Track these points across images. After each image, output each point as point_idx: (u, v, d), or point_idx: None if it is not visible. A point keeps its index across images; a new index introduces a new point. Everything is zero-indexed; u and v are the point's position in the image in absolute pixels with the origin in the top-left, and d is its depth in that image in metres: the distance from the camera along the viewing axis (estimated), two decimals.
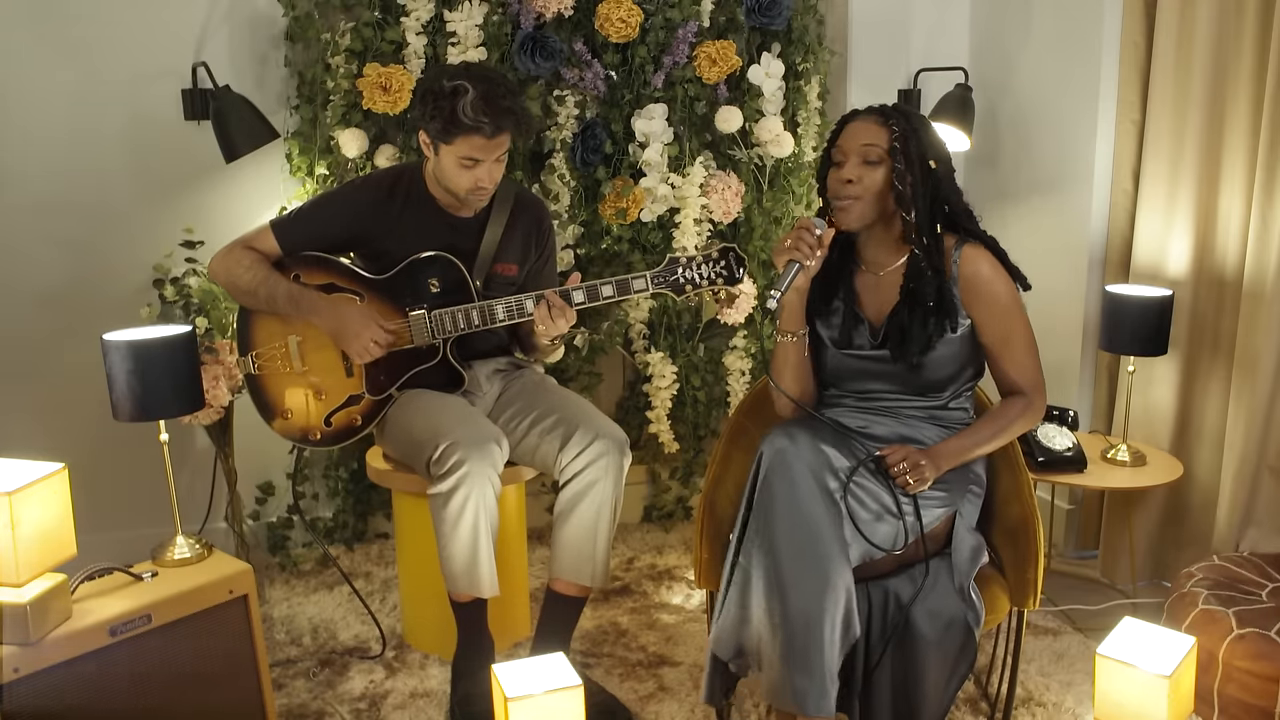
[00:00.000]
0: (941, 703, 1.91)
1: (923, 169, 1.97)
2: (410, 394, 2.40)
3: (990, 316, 1.99)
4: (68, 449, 2.23)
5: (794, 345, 2.07)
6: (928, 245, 1.98)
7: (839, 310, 2.07)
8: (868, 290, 2.07)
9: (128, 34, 2.81)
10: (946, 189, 2.00)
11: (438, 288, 2.37)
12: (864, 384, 2.07)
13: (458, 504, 2.19)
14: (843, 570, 1.81)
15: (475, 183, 2.28)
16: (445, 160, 2.27)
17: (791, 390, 2.09)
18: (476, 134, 2.21)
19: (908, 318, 1.98)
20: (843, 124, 2.04)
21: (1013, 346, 2.01)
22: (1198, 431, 2.73)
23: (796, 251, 1.96)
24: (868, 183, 1.97)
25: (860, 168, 1.97)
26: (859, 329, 2.06)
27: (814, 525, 1.82)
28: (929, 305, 1.97)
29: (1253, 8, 2.47)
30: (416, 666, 2.51)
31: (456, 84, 2.20)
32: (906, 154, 1.95)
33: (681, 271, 2.31)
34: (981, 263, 1.99)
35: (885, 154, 1.96)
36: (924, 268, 1.97)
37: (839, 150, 2.01)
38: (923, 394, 2.04)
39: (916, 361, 1.98)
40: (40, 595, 1.75)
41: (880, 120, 1.98)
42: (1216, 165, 2.60)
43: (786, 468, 1.86)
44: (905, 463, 1.92)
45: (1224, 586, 2.23)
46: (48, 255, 2.86)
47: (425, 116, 2.24)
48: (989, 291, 1.98)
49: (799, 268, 1.96)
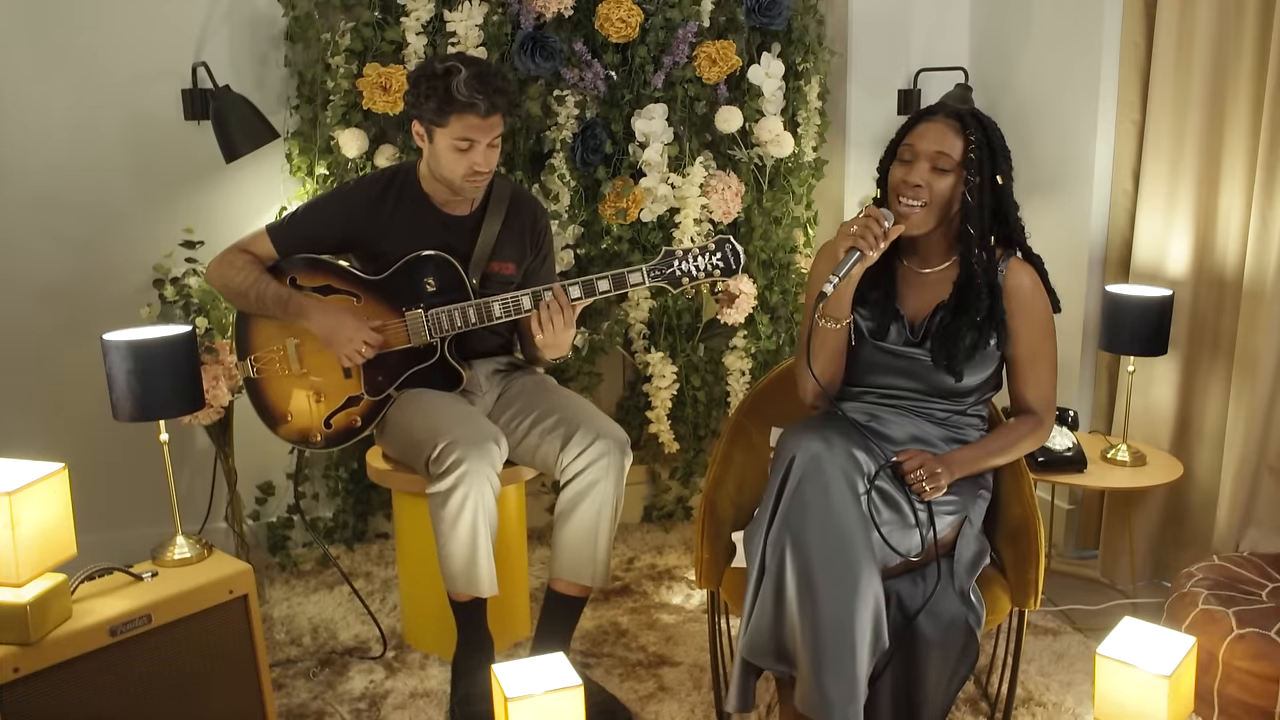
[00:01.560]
0: (942, 703, 1.90)
1: (992, 184, 1.94)
2: (409, 394, 2.40)
3: (1026, 330, 1.98)
4: (68, 449, 2.23)
5: (836, 333, 2.01)
6: (986, 259, 1.95)
7: (878, 303, 2.04)
8: (909, 287, 2.05)
9: (128, 34, 2.81)
10: (1008, 204, 1.97)
11: (434, 287, 2.37)
12: (890, 379, 2.04)
13: (456, 503, 2.19)
14: (873, 578, 1.79)
15: (471, 167, 2.27)
16: (440, 146, 2.27)
17: (821, 377, 2.04)
18: (471, 112, 2.20)
19: (954, 325, 1.95)
20: (916, 120, 1.98)
21: (1039, 364, 2.01)
22: (1198, 431, 2.73)
23: (862, 240, 1.90)
24: (936, 190, 1.93)
25: (930, 174, 1.93)
26: (896, 324, 2.03)
27: (846, 532, 1.80)
28: (977, 318, 1.94)
29: (1253, 8, 2.47)
30: (416, 666, 2.51)
31: (449, 65, 2.21)
32: (980, 166, 1.91)
33: (678, 264, 2.29)
34: (1025, 276, 1.98)
35: (958, 165, 1.92)
36: (979, 282, 1.94)
37: (909, 149, 1.95)
38: (947, 397, 2.02)
39: (957, 365, 1.95)
40: (40, 595, 1.75)
41: (958, 128, 1.93)
42: (1216, 165, 2.60)
43: (820, 473, 1.84)
44: (922, 469, 1.92)
45: (1224, 586, 2.23)
46: (48, 254, 2.86)
47: (420, 99, 2.24)
48: (1030, 305, 1.98)
49: (859, 255, 1.91)
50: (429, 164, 2.34)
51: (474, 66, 2.21)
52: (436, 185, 2.37)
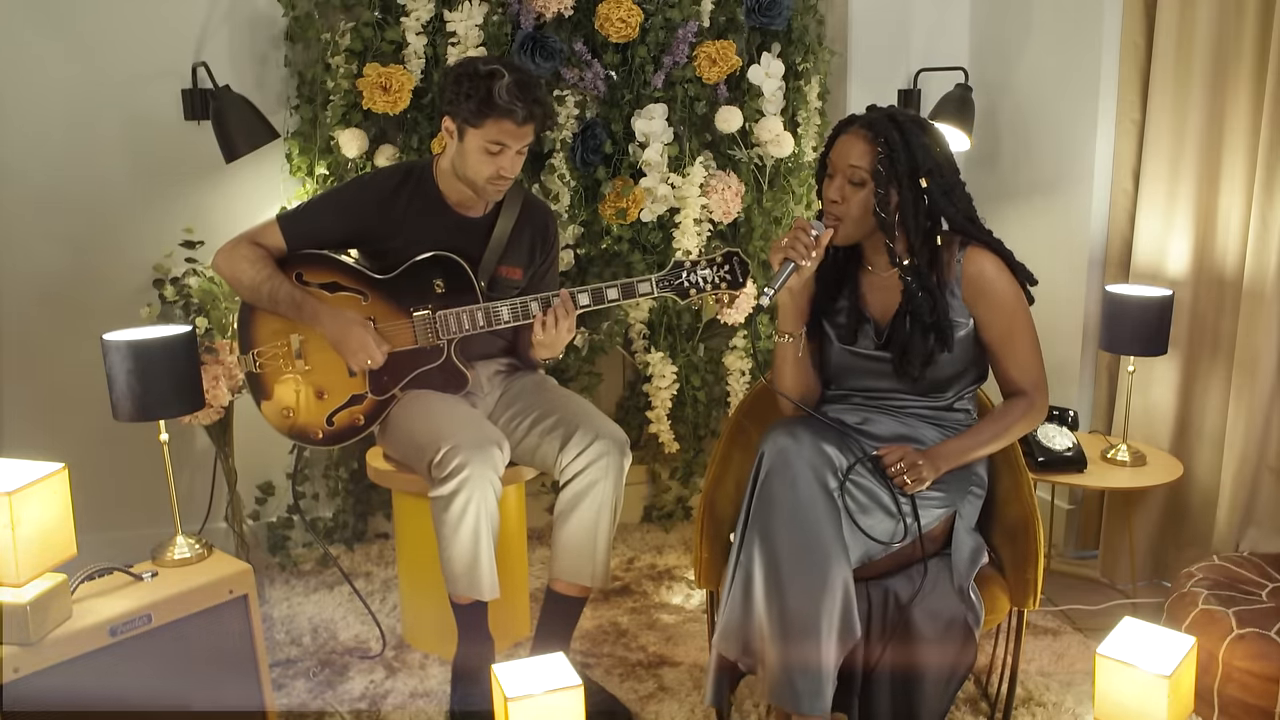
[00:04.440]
0: (941, 703, 1.91)
1: (913, 187, 1.93)
2: (413, 395, 2.40)
3: (993, 314, 1.99)
4: (68, 449, 2.23)
5: (790, 346, 2.07)
6: (916, 265, 1.96)
7: (844, 309, 2.07)
8: (873, 289, 2.07)
9: (128, 34, 2.81)
10: (942, 204, 1.95)
11: (442, 288, 2.36)
12: (868, 382, 2.07)
13: (459, 507, 2.19)
14: (841, 570, 1.81)
15: (497, 170, 2.27)
16: (470, 145, 2.26)
17: (792, 391, 2.09)
18: (508, 118, 2.20)
19: (908, 332, 1.97)
20: (835, 134, 2.01)
21: (1016, 345, 2.00)
22: (1198, 431, 2.73)
23: (792, 251, 1.95)
24: (853, 203, 1.95)
25: (846, 188, 1.96)
26: (864, 328, 2.05)
27: (813, 525, 1.82)
28: (927, 321, 1.96)
29: (1253, 8, 2.47)
30: (416, 666, 2.51)
31: (492, 68, 2.21)
32: (894, 174, 1.92)
33: (686, 276, 2.30)
34: (985, 262, 1.98)
35: (868, 175, 1.93)
36: (915, 289, 1.96)
37: (830, 162, 2.00)
38: (926, 394, 2.04)
39: (918, 375, 1.99)
40: (40, 595, 1.75)
41: (868, 136, 1.93)
42: (1216, 165, 2.60)
43: (787, 466, 1.86)
44: (903, 462, 1.92)
45: (1224, 586, 2.23)
46: (48, 254, 2.86)
47: (459, 98, 2.23)
48: (992, 289, 1.98)
49: (794, 267, 1.95)
50: (454, 161, 2.32)
51: (517, 74, 2.22)
52: (452, 185, 2.37)
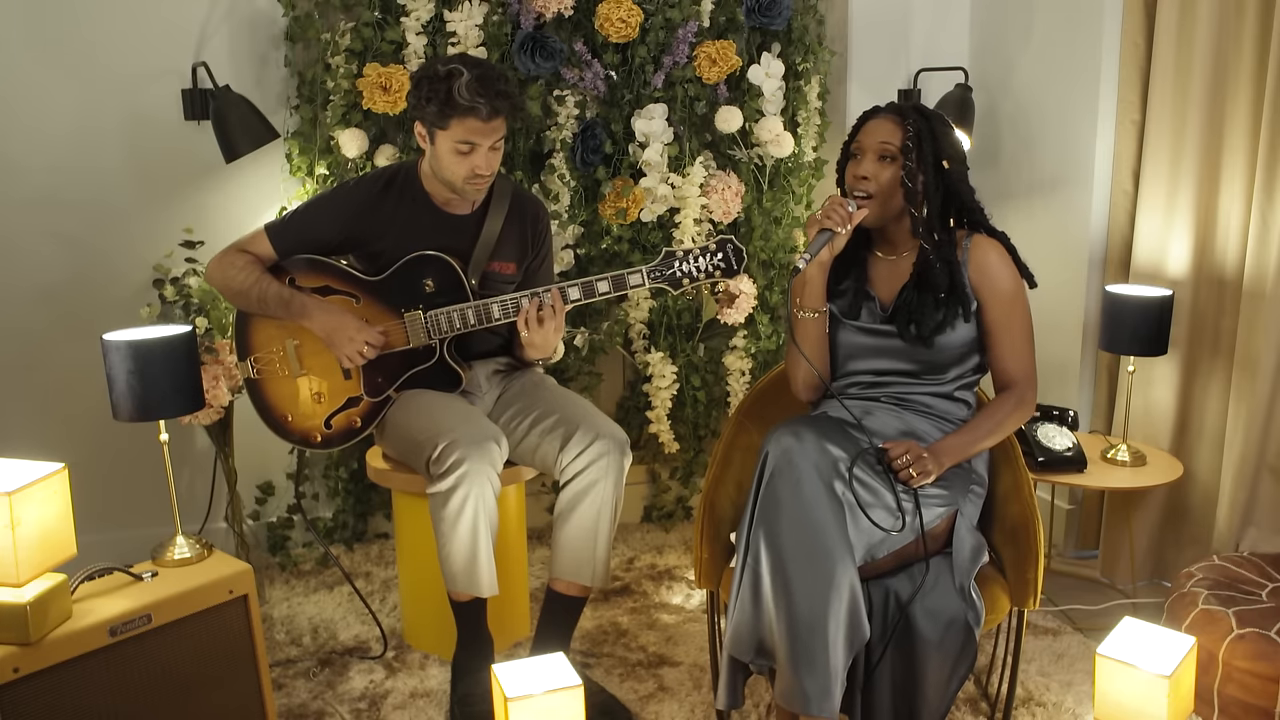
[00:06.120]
0: (942, 702, 1.91)
1: (936, 168, 2.03)
2: (409, 394, 2.40)
3: (993, 301, 2.04)
4: (68, 449, 2.23)
5: (814, 322, 2.11)
6: (937, 240, 2.04)
7: (849, 289, 2.13)
8: (880, 275, 2.13)
9: (128, 33, 2.81)
10: (959, 188, 2.05)
11: (433, 288, 2.36)
12: (871, 363, 2.09)
13: (457, 503, 2.19)
14: (848, 571, 1.81)
15: (472, 170, 2.27)
16: (441, 148, 2.26)
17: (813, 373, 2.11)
18: (472, 115, 2.20)
19: (917, 301, 2.03)
20: (863, 120, 2.09)
21: (1012, 334, 2.05)
22: (1198, 431, 2.73)
23: (829, 220, 2.01)
24: (882, 179, 2.03)
25: (875, 164, 2.04)
26: (868, 304, 2.11)
27: (819, 526, 1.82)
28: (939, 295, 2.02)
29: (1253, 8, 2.47)
30: (416, 666, 2.51)
31: (451, 68, 2.21)
32: (920, 152, 2.01)
33: (678, 265, 2.30)
34: (990, 251, 2.06)
35: (899, 151, 2.01)
36: (933, 260, 2.02)
37: (857, 145, 2.08)
38: (927, 375, 2.06)
39: (926, 335, 2.02)
40: (40, 595, 1.75)
41: (897, 118, 2.04)
42: (1216, 165, 2.60)
43: (792, 467, 1.86)
44: (908, 455, 1.93)
45: (1224, 586, 2.23)
46: (48, 254, 2.86)
47: (421, 101, 2.23)
48: (995, 275, 2.04)
49: (830, 235, 2.02)
50: (431, 165, 2.34)
51: (476, 69, 2.21)
52: (437, 185, 2.37)
